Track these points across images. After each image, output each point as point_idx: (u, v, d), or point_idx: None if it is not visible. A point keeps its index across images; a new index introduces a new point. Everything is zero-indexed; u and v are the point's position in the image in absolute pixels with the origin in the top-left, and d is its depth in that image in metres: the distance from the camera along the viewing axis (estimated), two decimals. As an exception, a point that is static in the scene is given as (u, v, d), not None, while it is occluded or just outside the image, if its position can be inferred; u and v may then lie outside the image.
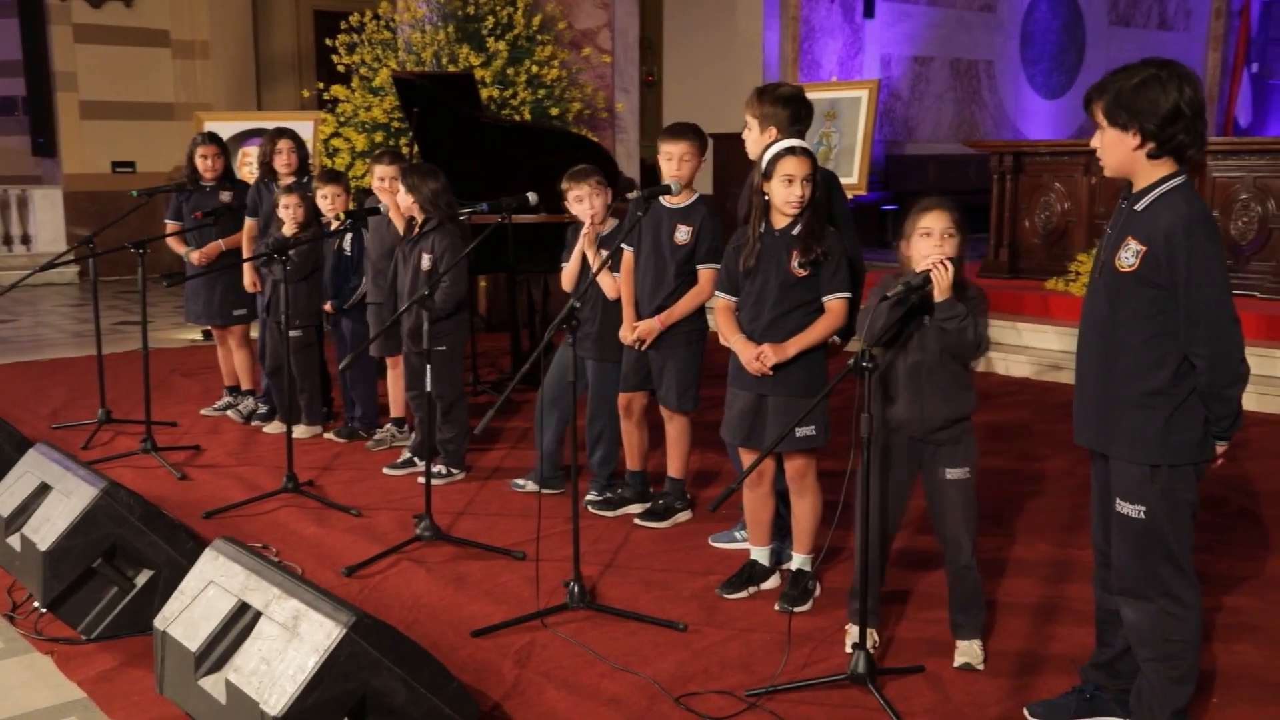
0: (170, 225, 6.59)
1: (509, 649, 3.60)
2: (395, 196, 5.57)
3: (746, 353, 3.78)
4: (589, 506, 4.91)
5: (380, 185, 5.79)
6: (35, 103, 13.95)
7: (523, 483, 5.24)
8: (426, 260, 5.25)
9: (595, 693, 3.33)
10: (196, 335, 9.30)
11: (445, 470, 5.37)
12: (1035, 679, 3.39)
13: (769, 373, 3.75)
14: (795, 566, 3.99)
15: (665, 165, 4.49)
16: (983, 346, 3.38)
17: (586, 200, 4.82)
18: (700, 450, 5.28)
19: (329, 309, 6.06)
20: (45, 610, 3.76)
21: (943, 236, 3.34)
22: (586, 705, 3.25)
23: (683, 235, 4.50)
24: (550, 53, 9.87)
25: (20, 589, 4.01)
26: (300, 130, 6.86)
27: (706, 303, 4.50)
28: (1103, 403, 2.89)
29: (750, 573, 4.07)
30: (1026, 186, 9.41)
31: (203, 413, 6.76)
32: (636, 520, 4.78)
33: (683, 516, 4.81)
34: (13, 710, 3.32)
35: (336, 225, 5.78)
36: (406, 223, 5.50)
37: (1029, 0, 16.26)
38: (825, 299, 3.78)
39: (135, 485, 4.29)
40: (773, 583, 4.07)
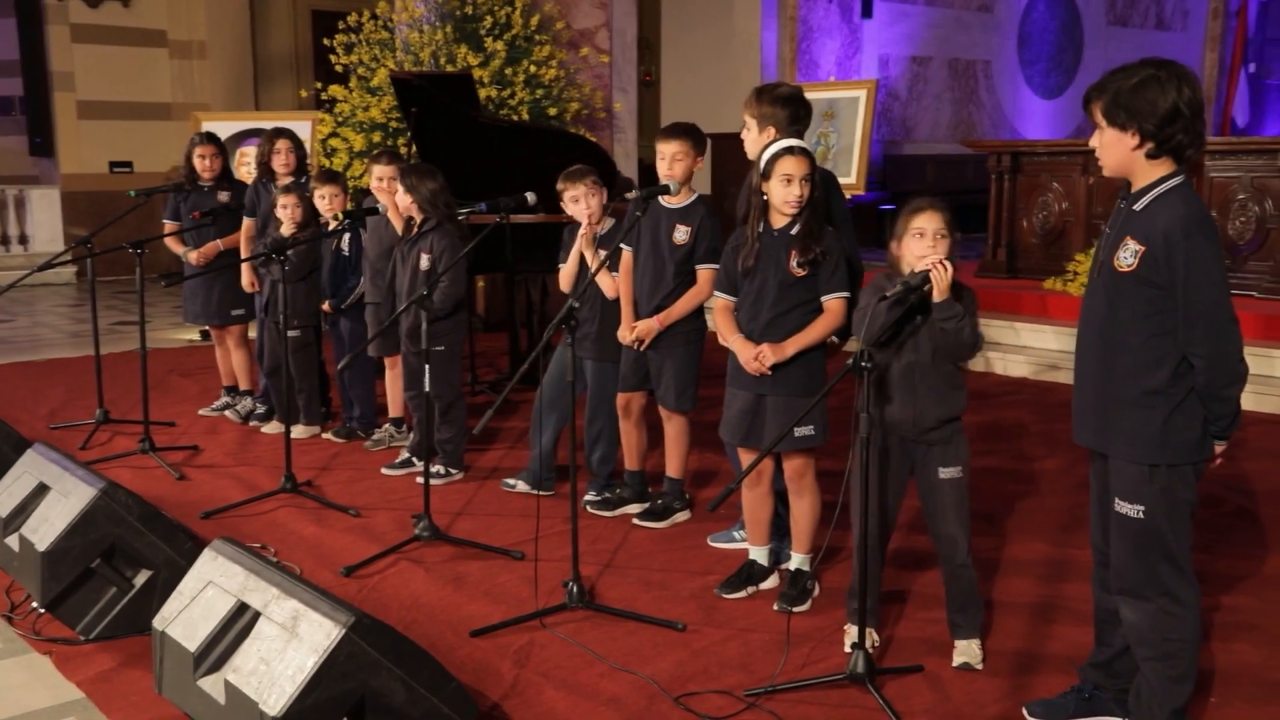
0: (168, 225, 6.58)
1: (508, 649, 3.60)
2: (393, 196, 5.57)
3: (745, 352, 3.78)
4: (588, 506, 4.90)
5: (378, 185, 5.79)
6: (32, 102, 13.94)
7: (513, 482, 5.23)
8: (425, 260, 5.25)
9: (594, 693, 3.33)
10: (194, 335, 9.29)
11: (444, 470, 5.37)
12: (1034, 678, 3.39)
13: (767, 372, 3.75)
14: (794, 566, 3.99)
15: (659, 165, 4.50)
16: (978, 346, 3.40)
17: (583, 200, 4.82)
18: (699, 450, 5.28)
19: (327, 309, 6.06)
20: (44, 611, 3.76)
21: (935, 237, 3.35)
22: (585, 705, 3.25)
23: (681, 235, 4.50)
24: (548, 53, 9.86)
25: (19, 589, 4.01)
26: (298, 130, 6.85)
27: (705, 303, 4.50)
28: (1101, 402, 2.89)
29: (749, 572, 4.07)
30: (1024, 186, 9.42)
31: (201, 413, 6.76)
32: (635, 520, 4.78)
33: (681, 516, 4.81)
34: (11, 711, 3.31)
35: (334, 225, 5.78)
36: (405, 223, 5.50)
37: (1027, 0, 16.27)
38: (824, 299, 3.78)
39: (133, 485, 4.29)
40: (771, 582, 4.07)
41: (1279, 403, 6.62)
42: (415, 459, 5.44)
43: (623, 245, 4.62)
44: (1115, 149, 2.82)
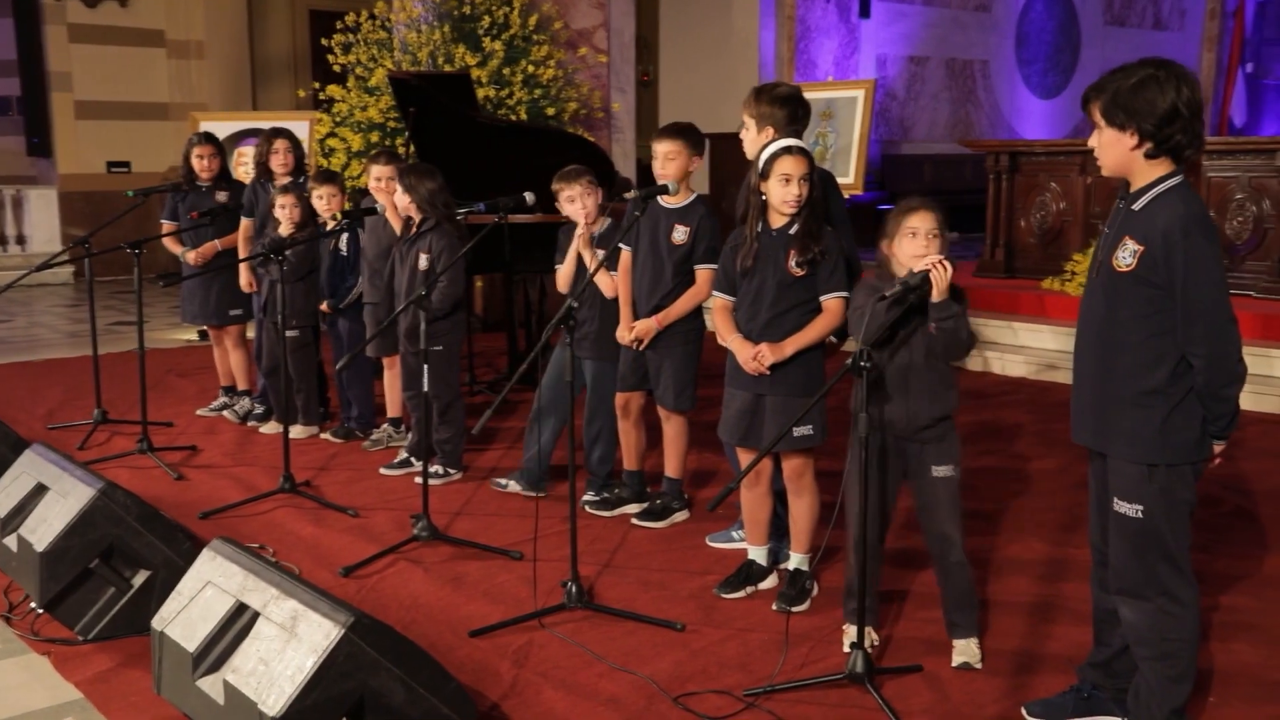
0: (166, 225, 6.57)
1: (507, 649, 3.60)
2: (392, 196, 5.57)
3: (744, 352, 3.78)
4: (586, 506, 4.90)
5: (377, 185, 5.79)
6: (30, 102, 13.93)
7: (505, 482, 5.21)
8: (424, 260, 5.25)
9: (593, 693, 3.32)
10: (192, 335, 9.29)
11: (442, 470, 5.36)
12: (1033, 678, 3.39)
13: (766, 372, 3.75)
14: (793, 566, 3.99)
15: (654, 164, 4.51)
16: (972, 345, 3.42)
17: (579, 200, 4.82)
18: (697, 450, 5.28)
19: (325, 309, 6.05)
20: (42, 611, 3.76)
21: (928, 237, 3.36)
22: (584, 705, 3.25)
23: (680, 235, 4.50)
24: (546, 52, 9.86)
25: (17, 589, 4.01)
26: (296, 130, 6.85)
27: (704, 303, 4.50)
28: (1100, 402, 2.89)
29: (748, 572, 4.07)
30: (1022, 186, 9.42)
31: (199, 413, 6.75)
32: (634, 520, 4.78)
33: (680, 516, 4.81)
34: (10, 711, 3.31)
35: (333, 225, 5.77)
36: (404, 223, 5.49)
37: (1024, 0, 16.29)
38: (823, 298, 3.79)
39: (131, 486, 4.28)
40: (770, 582, 4.07)
41: (1277, 402, 6.63)
42: (414, 459, 5.44)
43: (621, 245, 4.62)
44: (1114, 149, 2.82)
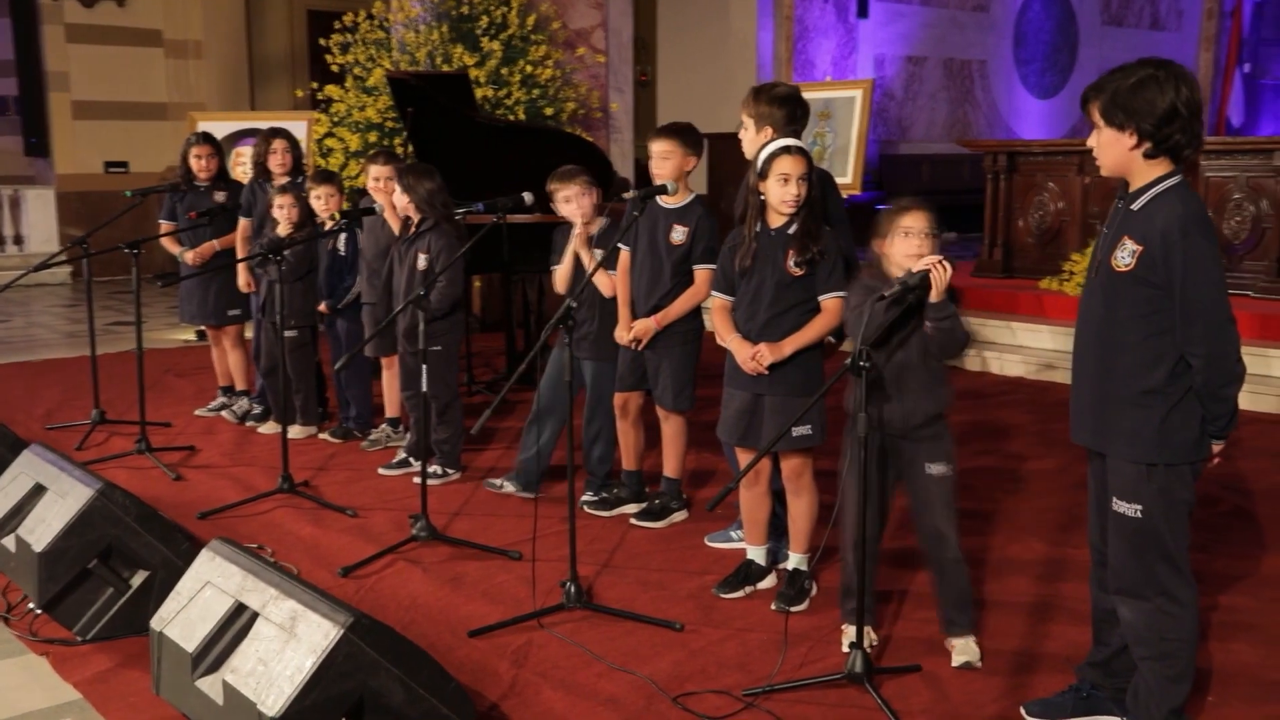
0: (164, 225, 6.57)
1: (506, 649, 3.60)
2: (390, 196, 5.57)
3: (743, 352, 3.78)
4: (585, 506, 4.90)
5: (375, 185, 5.78)
6: (27, 102, 13.91)
7: (499, 482, 5.18)
8: (423, 260, 5.24)
9: (592, 693, 3.32)
10: (190, 335, 9.28)
11: (441, 470, 5.36)
12: (1032, 678, 3.39)
13: (765, 372, 3.76)
14: (792, 566, 3.99)
15: (650, 164, 4.52)
16: (968, 344, 3.43)
17: (575, 201, 4.82)
18: (696, 450, 5.28)
19: (324, 309, 6.05)
20: (40, 611, 3.76)
21: (923, 236, 3.37)
22: (584, 705, 3.25)
23: (678, 235, 4.50)
24: (544, 52, 9.86)
25: (15, 590, 4.01)
26: (294, 130, 6.84)
27: (703, 303, 4.50)
28: (1100, 402, 2.89)
29: (746, 572, 4.07)
30: (1020, 186, 9.43)
31: (197, 413, 6.75)
32: (632, 520, 4.78)
33: (679, 516, 4.81)
34: (9, 712, 3.31)
35: (331, 225, 5.77)
36: (403, 222, 5.49)
37: (1022, 0, 16.30)
38: (821, 298, 3.79)
39: (130, 486, 4.27)
40: (769, 582, 4.07)
41: (1275, 402, 6.63)
42: (412, 459, 5.44)
43: (620, 245, 4.61)
44: (1113, 149, 2.82)
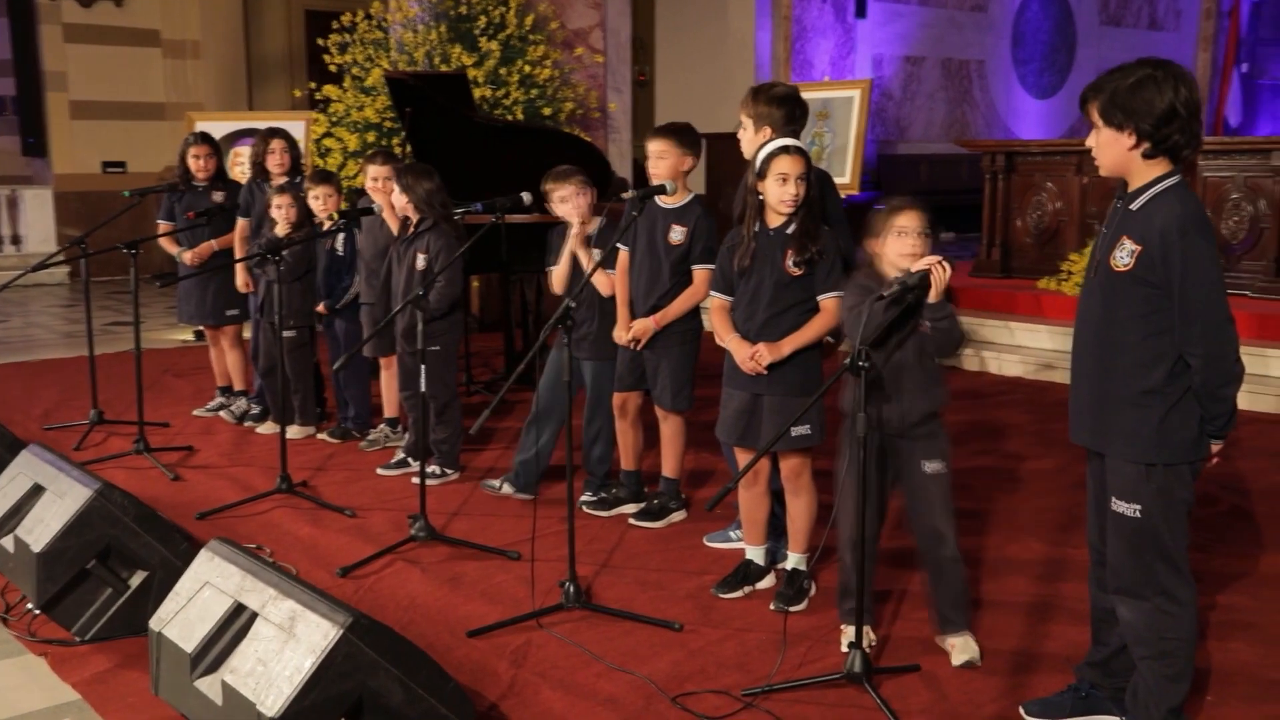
0: (163, 225, 6.57)
1: (505, 649, 3.60)
2: (389, 196, 5.56)
3: (741, 352, 3.78)
4: (584, 506, 4.90)
5: (374, 185, 5.78)
6: (25, 102, 13.91)
7: (496, 484, 5.14)
8: (421, 260, 5.24)
9: (592, 693, 3.32)
10: (188, 336, 9.28)
11: (439, 470, 5.36)
12: (1031, 677, 3.39)
13: (764, 372, 3.76)
14: (790, 566, 3.99)
15: (647, 164, 4.53)
16: (964, 343, 3.44)
17: (571, 200, 4.82)
18: (694, 450, 5.28)
19: (322, 310, 6.04)
20: (39, 612, 3.76)
21: (918, 235, 3.38)
22: (583, 705, 3.25)
23: (677, 235, 4.50)
24: (543, 52, 9.86)
25: (14, 590, 4.00)
26: (292, 130, 6.84)
27: (702, 303, 4.50)
28: (1098, 402, 2.89)
29: (745, 572, 4.07)
30: (1018, 186, 9.43)
31: (195, 413, 6.74)
32: (631, 520, 4.78)
33: (677, 516, 4.81)
34: (7, 712, 3.31)
35: (329, 225, 5.77)
36: (401, 222, 5.49)
37: (1020, 0, 16.30)
38: (820, 298, 3.79)
39: (128, 486, 4.28)
40: (768, 582, 4.07)
41: (1273, 402, 6.64)
42: (411, 459, 5.43)
43: (619, 245, 4.61)
44: (1112, 149, 2.82)
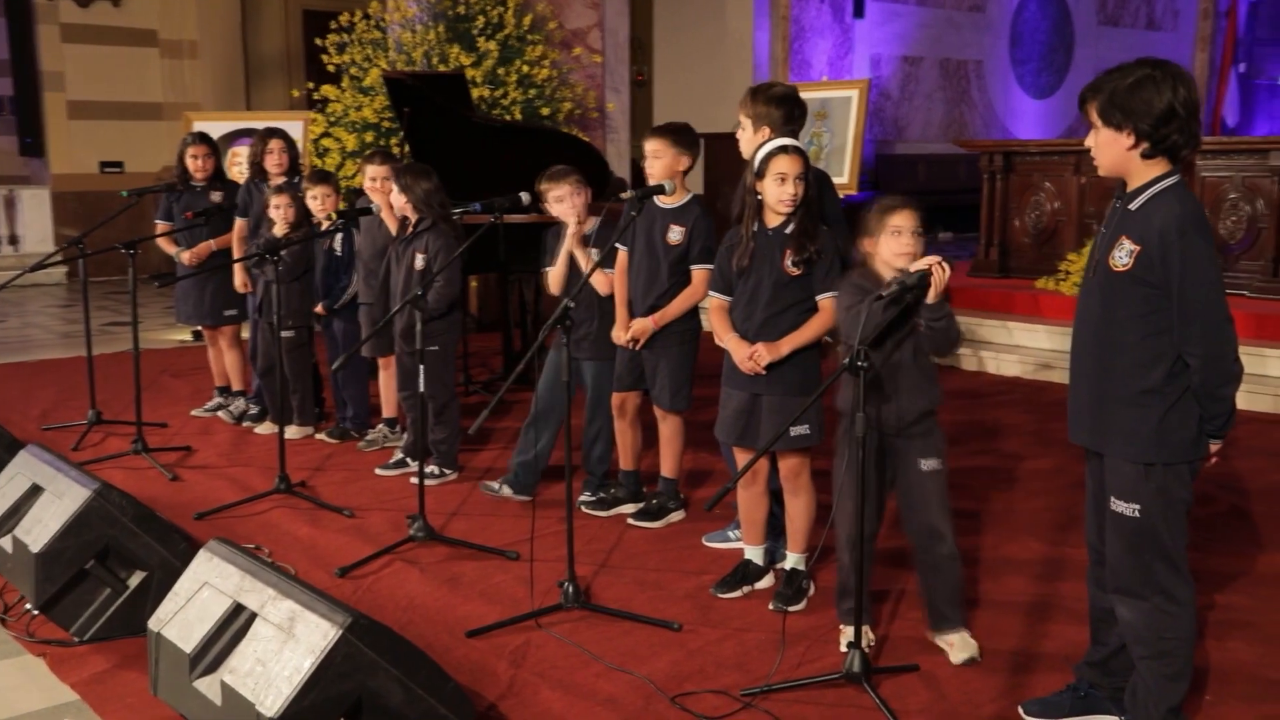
0: (161, 225, 6.56)
1: (504, 649, 3.60)
2: (387, 197, 5.56)
3: (740, 352, 3.78)
4: (582, 507, 4.90)
5: (372, 185, 5.77)
6: (22, 102, 13.90)
7: (496, 486, 5.10)
8: (420, 260, 5.24)
9: (591, 693, 3.32)
10: (186, 336, 9.27)
11: (438, 471, 5.36)
12: (1030, 677, 3.39)
13: (762, 372, 3.76)
14: (789, 566, 3.99)
15: (644, 164, 4.54)
16: (960, 341, 3.45)
17: (566, 200, 4.81)
18: (693, 450, 5.28)
19: (320, 311, 6.03)
20: (38, 612, 3.75)
21: (912, 235, 3.38)
22: (582, 705, 3.25)
23: (675, 235, 4.50)
24: (541, 52, 9.86)
25: (12, 591, 4.00)
26: (290, 130, 6.83)
27: (700, 303, 4.50)
28: (1097, 401, 2.89)
29: (744, 572, 4.07)
30: (1017, 186, 9.44)
31: (193, 414, 6.74)
32: (630, 520, 4.78)
33: (676, 516, 4.81)
34: (6, 713, 3.30)
35: (327, 225, 5.76)
36: (400, 222, 5.49)
37: (1018, 0, 16.31)
38: (819, 298, 3.79)
39: (126, 486, 4.27)
40: (767, 582, 4.07)
41: (1271, 402, 6.64)
42: (409, 459, 5.43)
43: (618, 245, 4.62)
44: (1110, 149, 2.82)
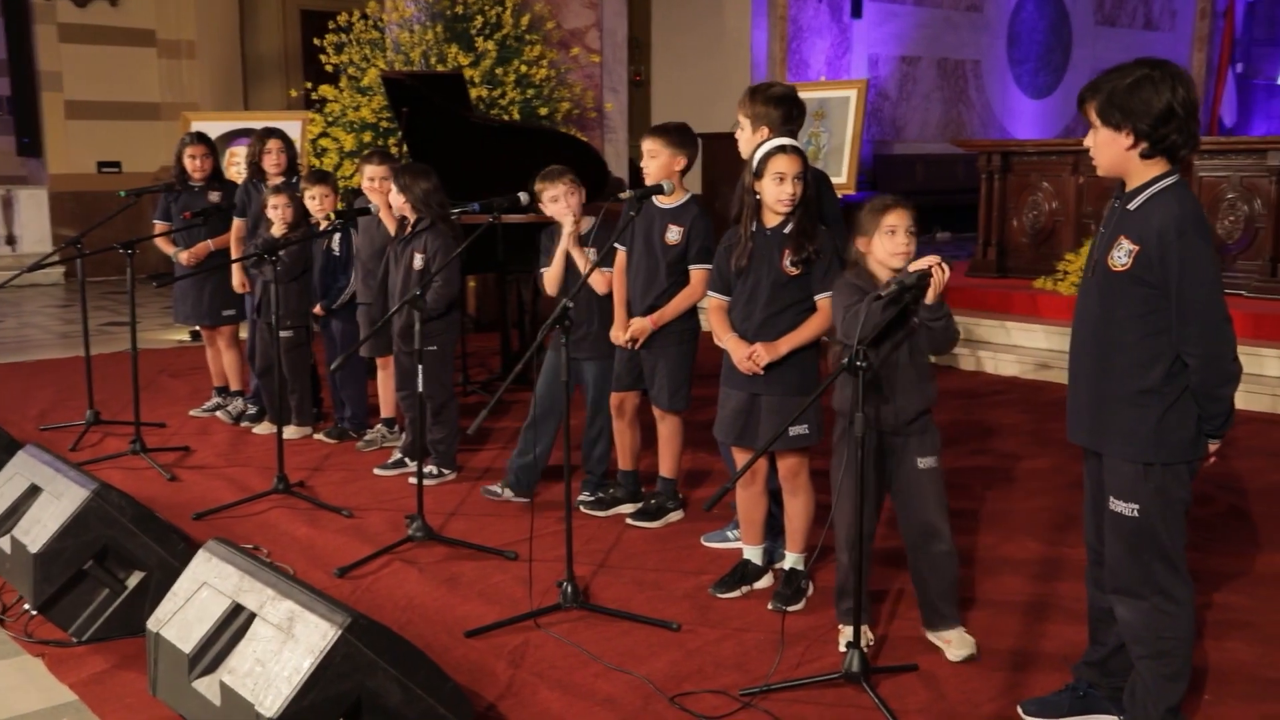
0: (159, 225, 6.56)
1: (503, 649, 3.60)
2: (385, 197, 5.56)
3: (739, 352, 3.79)
4: (581, 507, 4.89)
5: (370, 185, 5.77)
6: (20, 102, 13.88)
7: (498, 490, 5.08)
8: (419, 260, 5.24)
9: (590, 693, 3.32)
10: (184, 336, 9.27)
11: (436, 471, 5.36)
12: (1028, 677, 3.40)
13: (761, 372, 3.76)
14: (788, 565, 3.99)
15: (642, 164, 4.55)
16: (957, 340, 3.47)
17: (562, 200, 4.82)
18: (692, 450, 5.28)
19: (319, 312, 6.03)
20: (36, 613, 3.75)
21: (907, 234, 3.38)
22: (581, 705, 3.25)
23: (674, 235, 4.50)
24: (539, 52, 9.86)
25: (10, 591, 4.00)
26: (288, 130, 6.83)
27: (699, 303, 4.50)
28: (1096, 401, 2.90)
29: (743, 572, 4.07)
30: (1014, 186, 9.44)
31: (192, 414, 6.74)
32: (628, 520, 4.78)
33: (674, 516, 4.81)
34: (4, 713, 3.30)
35: (326, 225, 5.76)
36: (398, 222, 5.48)
37: (1015, 0, 16.32)
38: (817, 298, 3.79)
39: (125, 487, 4.27)
40: (765, 582, 4.08)
41: (1269, 401, 6.65)
42: (408, 459, 5.43)
43: (617, 245, 4.62)
44: (1109, 149, 2.83)
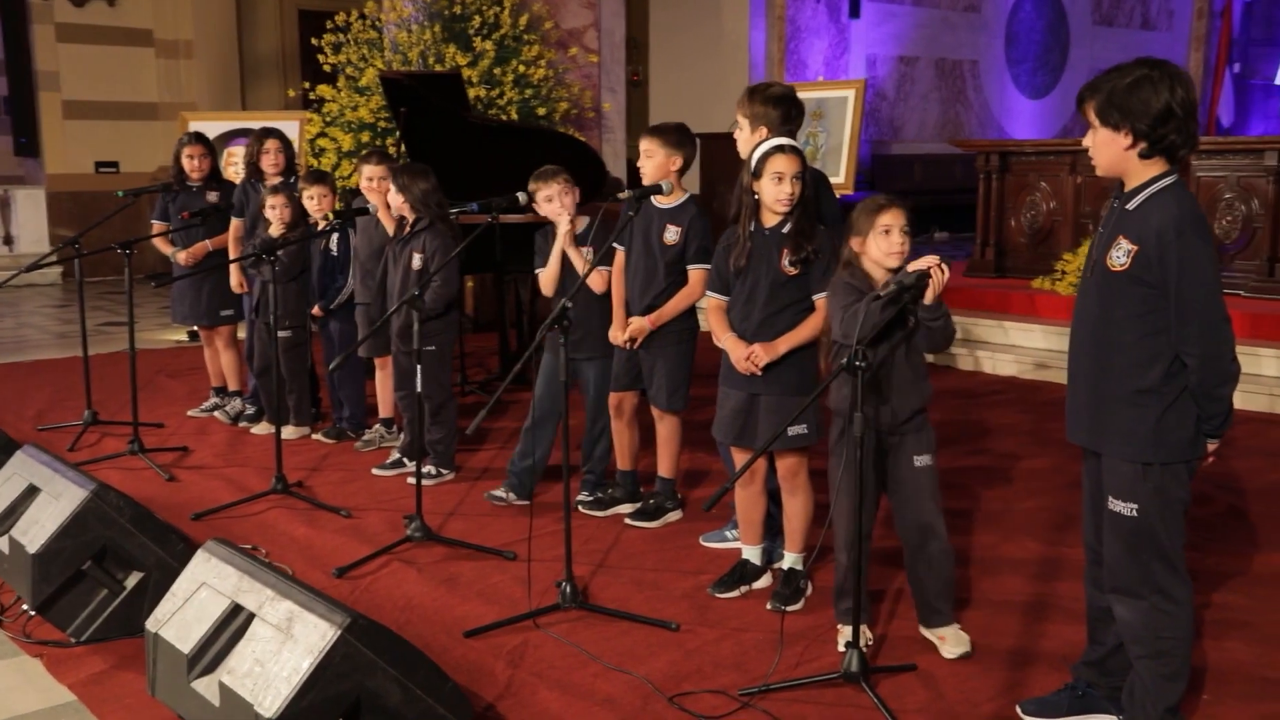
0: (157, 226, 6.56)
1: (502, 649, 3.60)
2: (384, 196, 5.56)
3: (737, 352, 3.79)
4: (580, 507, 4.89)
5: (369, 185, 5.77)
6: (17, 102, 13.87)
7: (501, 495, 5.05)
8: (417, 260, 5.24)
9: (589, 693, 3.32)
10: (182, 336, 9.26)
11: (435, 471, 5.35)
12: (1027, 676, 3.40)
13: (759, 372, 3.76)
14: (787, 565, 3.99)
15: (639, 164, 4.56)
16: (953, 339, 3.48)
17: (556, 199, 4.82)
18: (690, 450, 5.28)
19: (317, 313, 6.02)
20: (34, 613, 3.75)
21: (901, 233, 3.39)
22: (580, 705, 3.25)
23: (672, 235, 4.50)
24: (537, 52, 9.86)
25: (9, 591, 3.99)
26: (286, 130, 6.83)
27: (697, 302, 4.50)
28: (1095, 401, 2.90)
29: (742, 572, 4.07)
30: (1013, 186, 9.45)
31: (190, 414, 6.73)
32: (627, 520, 4.78)
33: (673, 516, 4.81)
34: (3, 714, 3.30)
35: (324, 225, 5.76)
36: (397, 222, 5.48)
37: (1013, 0, 16.33)
38: (815, 298, 3.79)
39: (123, 487, 4.26)
40: (764, 582, 4.08)
41: (1267, 401, 6.66)
42: (406, 459, 5.43)
43: (615, 245, 4.62)
44: (1108, 149, 2.83)
